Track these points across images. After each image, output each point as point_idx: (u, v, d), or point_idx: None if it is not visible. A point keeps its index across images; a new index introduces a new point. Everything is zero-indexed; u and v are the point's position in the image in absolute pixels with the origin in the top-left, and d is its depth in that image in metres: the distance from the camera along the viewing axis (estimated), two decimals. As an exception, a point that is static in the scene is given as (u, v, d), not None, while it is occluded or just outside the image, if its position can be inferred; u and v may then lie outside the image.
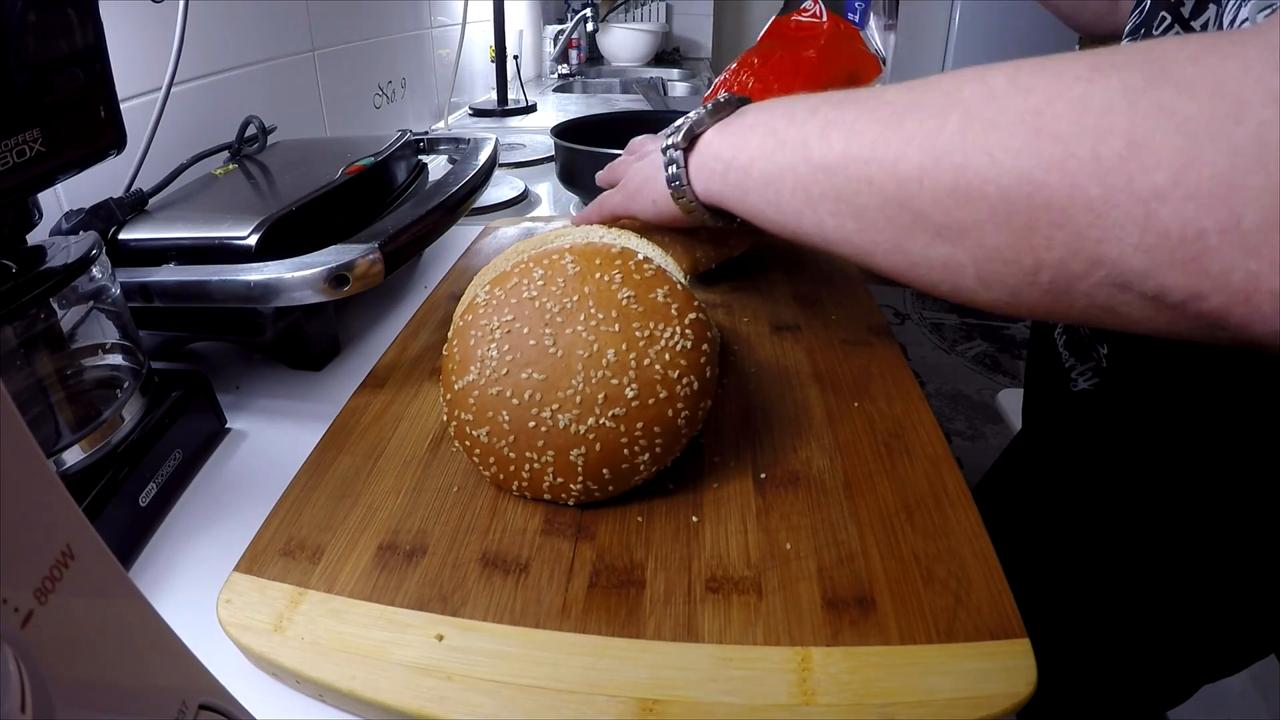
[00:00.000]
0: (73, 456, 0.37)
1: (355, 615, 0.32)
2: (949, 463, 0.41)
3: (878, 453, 0.42)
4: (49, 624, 0.12)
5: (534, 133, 1.25)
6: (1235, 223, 0.19)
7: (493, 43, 1.45)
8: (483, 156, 0.63)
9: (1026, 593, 0.33)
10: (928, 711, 0.28)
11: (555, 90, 1.80)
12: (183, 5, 0.53)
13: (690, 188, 0.40)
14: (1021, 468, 0.67)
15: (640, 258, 0.38)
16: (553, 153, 0.89)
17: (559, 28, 1.93)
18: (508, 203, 0.89)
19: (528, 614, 0.32)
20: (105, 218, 0.49)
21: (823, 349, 0.52)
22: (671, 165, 0.40)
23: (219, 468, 0.45)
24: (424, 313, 0.58)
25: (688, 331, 0.36)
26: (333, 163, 0.60)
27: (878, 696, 0.28)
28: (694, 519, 0.37)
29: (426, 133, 0.82)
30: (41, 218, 0.38)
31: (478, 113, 1.43)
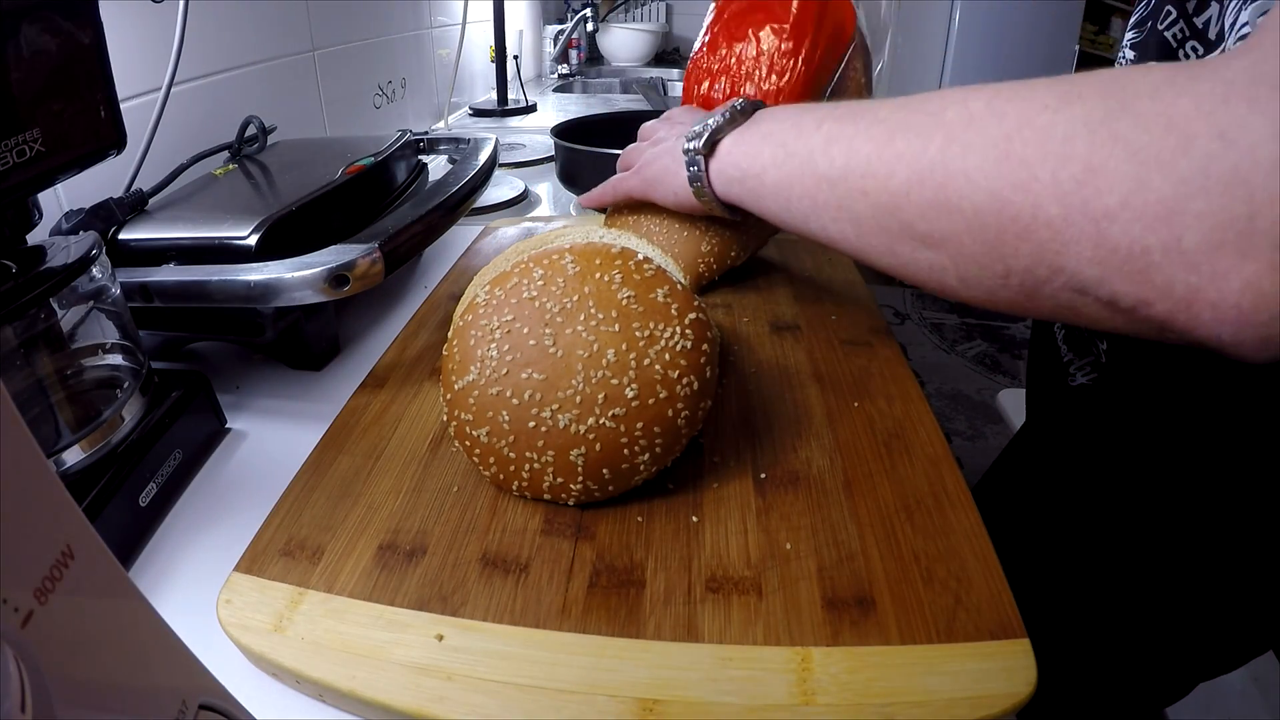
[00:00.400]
0: (73, 456, 0.37)
1: (355, 615, 0.32)
2: (949, 463, 0.41)
3: (878, 453, 0.42)
4: (49, 624, 0.12)
5: (534, 133, 1.25)
6: (1176, 242, 0.22)
7: (493, 43, 1.45)
8: (483, 156, 0.63)
9: (1026, 591, 0.34)
10: (928, 711, 0.28)
11: (555, 90, 1.80)
12: (183, 5, 0.53)
13: (710, 188, 0.45)
14: (1022, 465, 0.67)
15: (640, 258, 0.38)
16: (553, 153, 0.89)
17: (559, 28, 1.93)
18: (508, 203, 0.89)
19: (528, 614, 0.32)
20: (105, 218, 0.49)
21: (823, 349, 0.52)
22: (693, 167, 0.45)
23: (219, 468, 0.45)
24: (424, 313, 0.58)
25: (688, 331, 0.36)
26: (333, 163, 0.60)
27: (878, 696, 0.28)
28: (694, 519, 0.37)
29: (426, 133, 0.82)
30: (41, 218, 0.38)
31: (478, 113, 1.43)
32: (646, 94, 1.60)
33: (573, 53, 1.99)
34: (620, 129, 0.95)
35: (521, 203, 0.91)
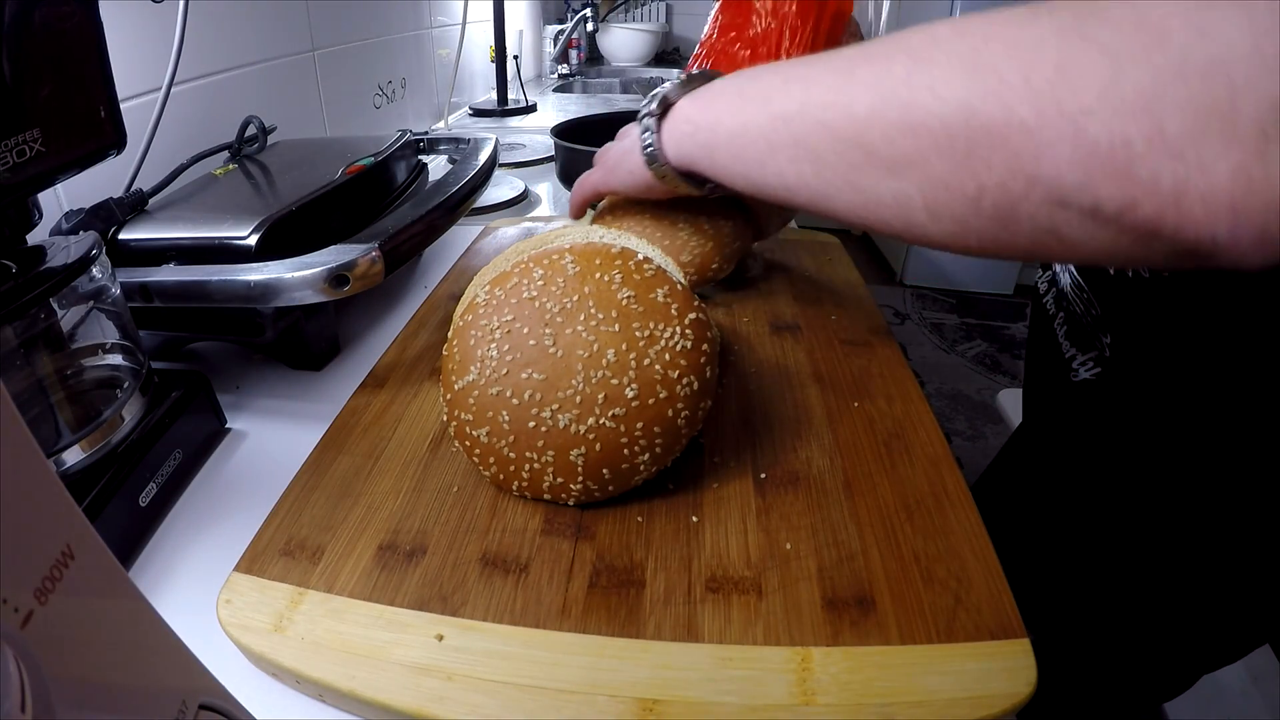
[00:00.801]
0: (73, 456, 0.37)
1: (355, 615, 0.32)
2: (949, 463, 0.41)
3: (878, 453, 0.42)
4: (49, 624, 0.12)
5: (534, 133, 1.25)
6: (1159, 132, 0.21)
7: (493, 43, 1.45)
8: (483, 156, 0.63)
9: (1026, 590, 0.34)
10: (928, 711, 0.28)
11: (555, 90, 1.80)
12: (183, 5, 0.53)
13: (663, 151, 0.42)
14: (1021, 463, 0.67)
15: (640, 258, 0.38)
16: (553, 153, 0.89)
17: (559, 28, 1.93)
18: (508, 203, 0.89)
19: (528, 614, 0.32)
20: (105, 218, 0.49)
21: (823, 349, 0.52)
22: (647, 133, 0.43)
23: (219, 468, 0.45)
24: (424, 313, 0.58)
25: (688, 331, 0.36)
26: (333, 163, 0.60)
27: (878, 696, 0.28)
28: (694, 519, 0.37)
29: (426, 133, 0.82)
30: (41, 218, 0.38)
31: (478, 113, 1.43)
32: (646, 94, 1.60)
33: (573, 53, 1.99)
34: (620, 129, 0.95)
35: (521, 203, 0.91)
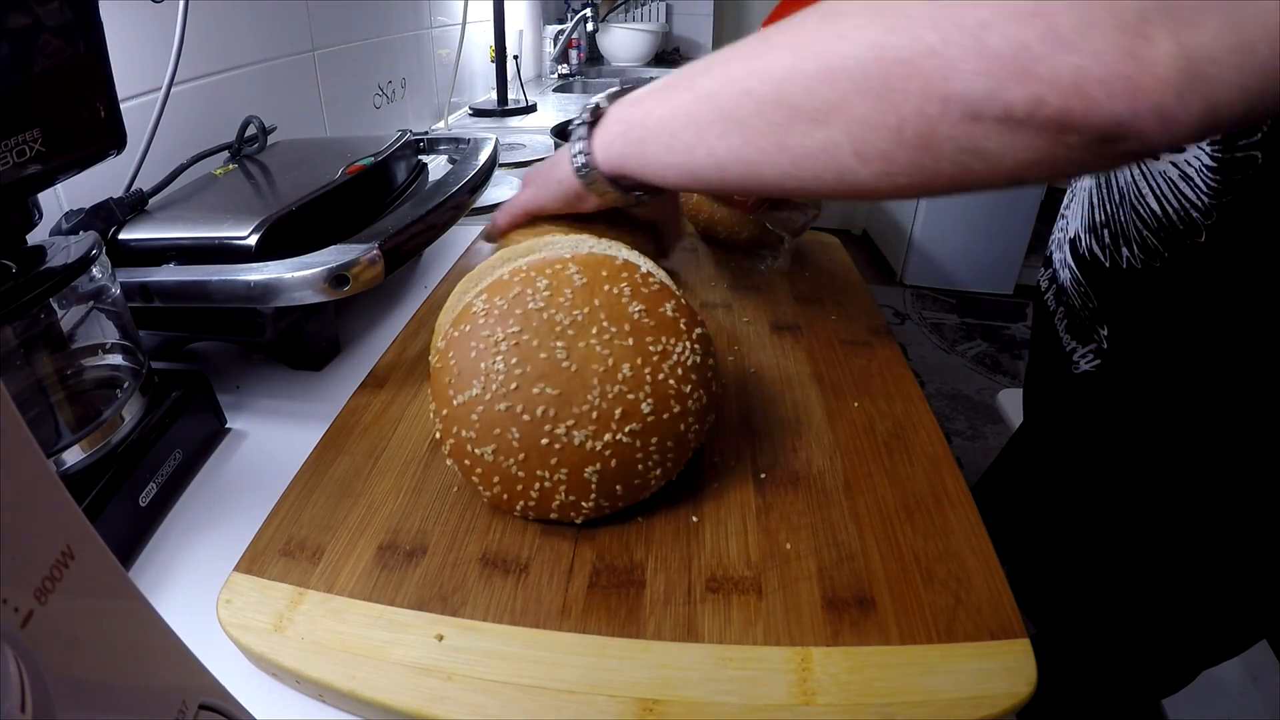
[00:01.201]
0: (73, 456, 0.37)
1: (355, 615, 0.32)
2: (949, 463, 0.41)
3: (878, 453, 0.42)
4: (49, 624, 0.12)
5: (534, 133, 1.25)
6: (1052, 29, 0.23)
7: (493, 43, 1.45)
8: (483, 156, 0.63)
9: (1026, 587, 0.34)
10: (928, 711, 0.28)
11: (555, 90, 1.80)
12: (183, 5, 0.53)
13: (594, 157, 0.41)
14: (1022, 460, 0.67)
15: (644, 270, 0.37)
16: (552, 153, 0.89)
17: (559, 28, 1.93)
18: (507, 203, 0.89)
19: (528, 614, 0.32)
20: (105, 218, 0.49)
21: (823, 349, 0.52)
22: (579, 142, 0.42)
23: (219, 468, 0.45)
24: (424, 313, 0.58)
25: (696, 346, 0.36)
26: (333, 163, 0.60)
27: (878, 696, 0.28)
28: (694, 519, 0.37)
29: (426, 133, 0.82)
30: (41, 218, 0.38)
31: (478, 113, 1.43)
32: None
33: (573, 53, 1.99)
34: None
35: (521, 203, 0.91)
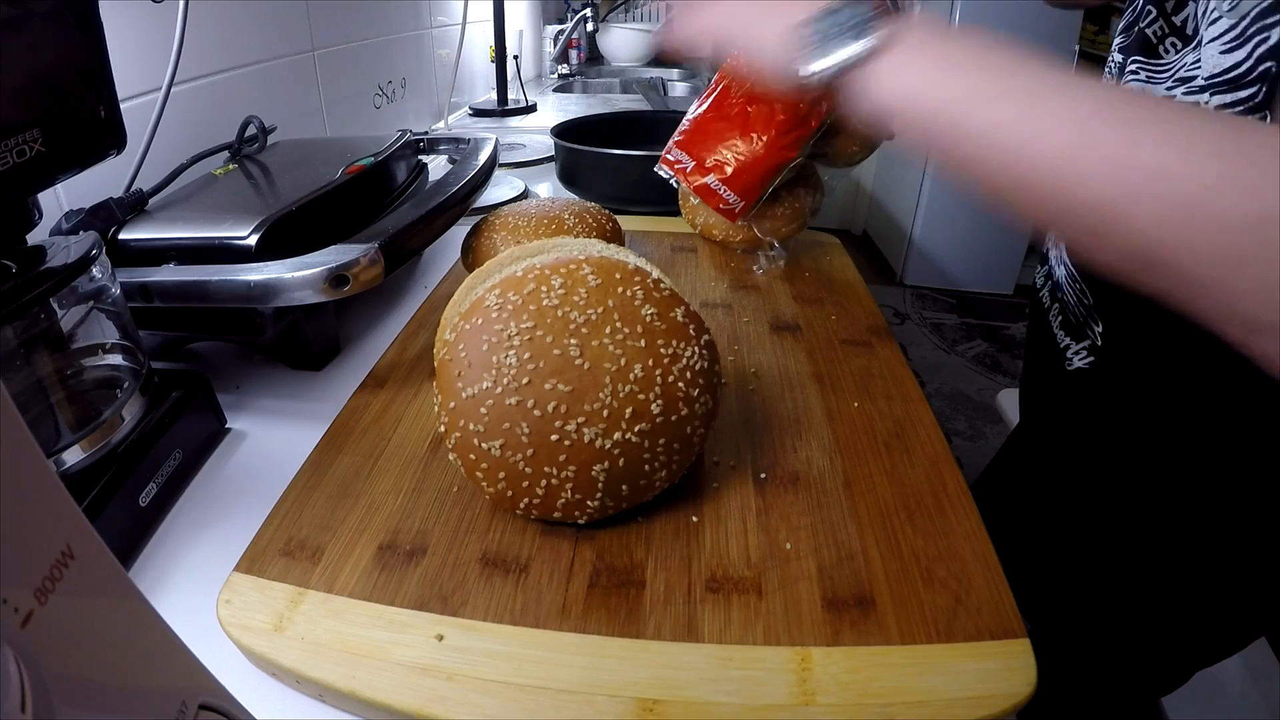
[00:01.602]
0: (73, 456, 0.37)
1: (355, 615, 0.32)
2: (949, 463, 0.41)
3: (878, 453, 0.42)
4: (49, 624, 0.12)
5: (534, 133, 1.25)
6: None
7: (493, 43, 1.45)
8: (483, 156, 0.63)
9: (1025, 586, 0.34)
10: (928, 711, 0.28)
11: (555, 90, 1.80)
12: (183, 5, 0.53)
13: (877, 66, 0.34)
14: (1020, 462, 0.67)
15: (655, 276, 0.38)
16: (553, 153, 0.89)
17: (559, 28, 1.93)
18: (507, 203, 0.89)
19: (528, 614, 0.32)
20: (105, 218, 0.49)
21: (823, 349, 0.52)
22: (855, 41, 0.34)
23: (219, 468, 0.45)
24: (424, 313, 0.58)
25: (704, 352, 0.36)
26: (333, 163, 0.60)
27: (878, 696, 0.28)
28: (694, 519, 0.37)
29: (426, 133, 0.82)
30: (41, 218, 0.38)
31: (478, 113, 1.43)
32: (646, 94, 1.60)
33: (573, 53, 1.99)
34: (620, 129, 0.95)
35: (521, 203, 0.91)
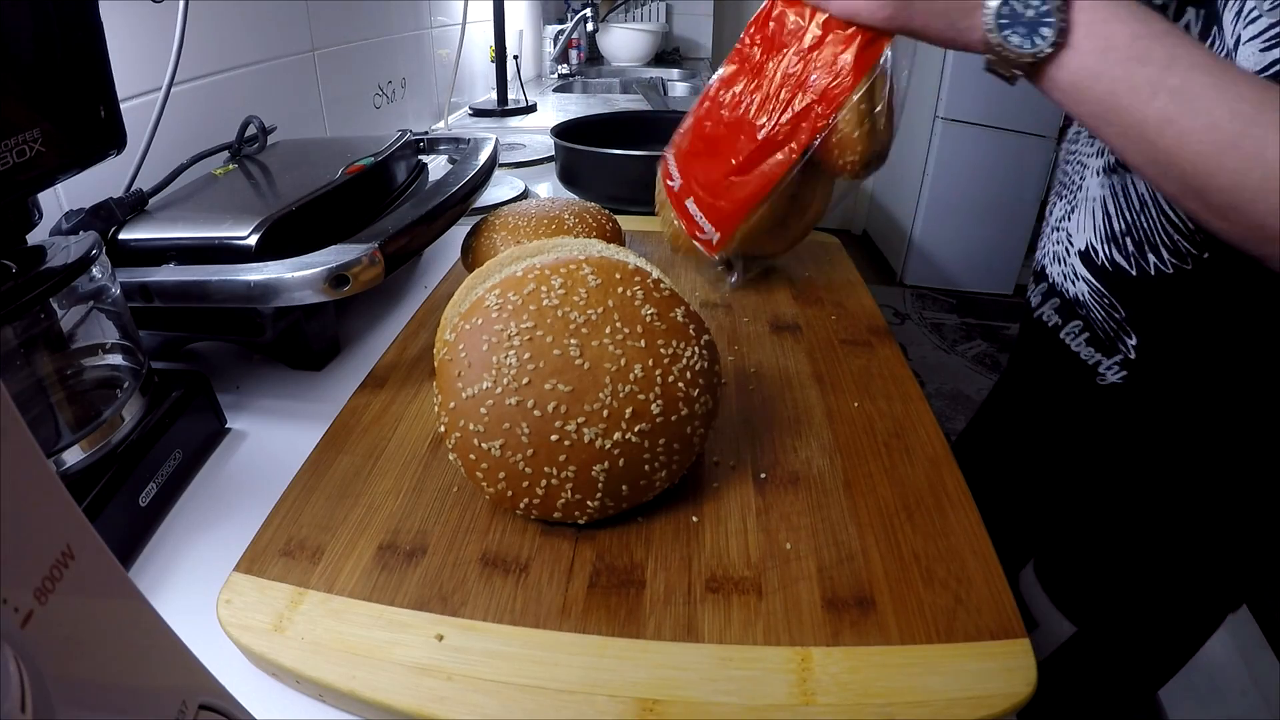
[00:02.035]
0: (73, 456, 0.37)
1: (355, 615, 0.32)
2: (949, 463, 0.41)
3: (878, 453, 0.42)
4: (49, 624, 0.12)
5: (534, 133, 1.25)
6: None
7: (493, 43, 1.45)
8: (483, 156, 0.63)
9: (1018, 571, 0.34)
10: (928, 711, 0.28)
11: (555, 90, 1.80)
12: (183, 5, 0.53)
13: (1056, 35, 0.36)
14: (1021, 463, 0.67)
15: (655, 276, 0.38)
16: (553, 153, 0.89)
17: (559, 28, 1.93)
18: (507, 203, 0.89)
19: (528, 614, 0.32)
20: (105, 218, 0.49)
21: (823, 349, 0.52)
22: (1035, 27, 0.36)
23: (219, 468, 0.45)
24: (424, 313, 0.58)
25: (704, 352, 0.36)
26: (333, 163, 0.60)
27: (878, 696, 0.28)
28: (694, 519, 0.37)
29: (426, 133, 0.82)
30: (41, 218, 0.38)
31: (478, 113, 1.43)
32: (646, 94, 1.60)
33: (573, 53, 1.99)
34: (620, 129, 0.95)
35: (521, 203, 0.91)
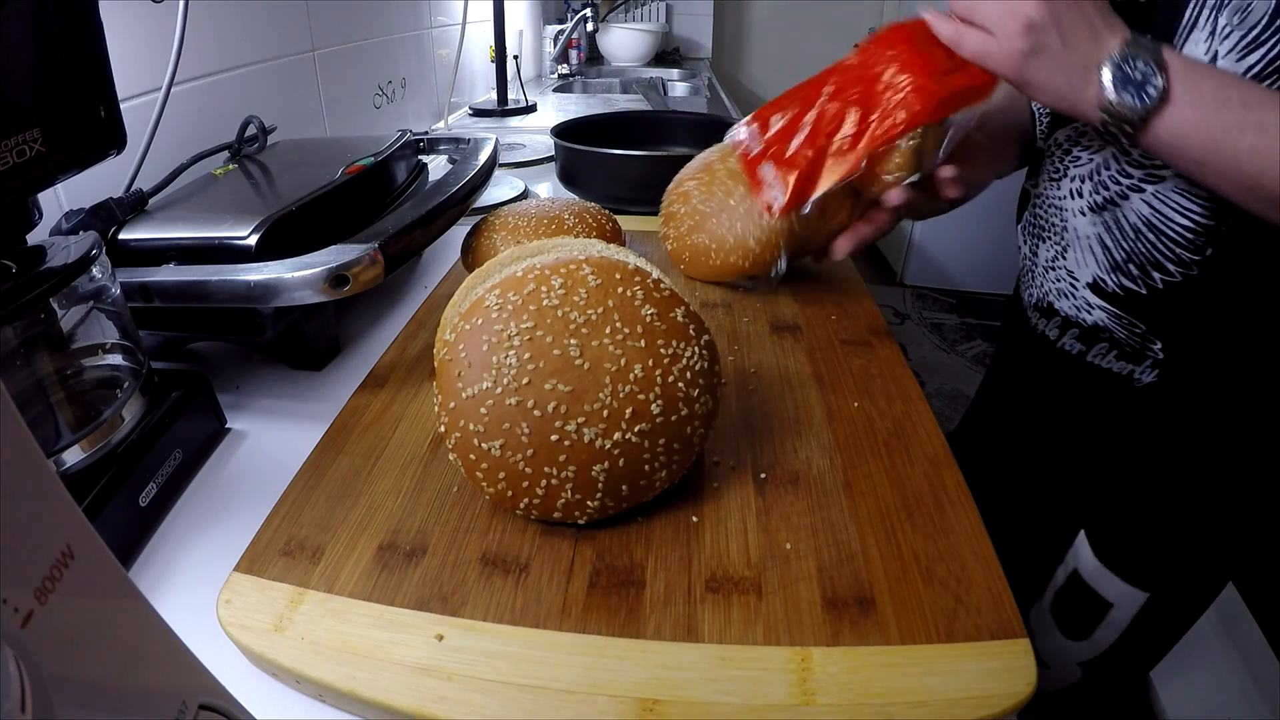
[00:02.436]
0: (73, 456, 0.37)
1: (355, 615, 0.32)
2: (949, 463, 0.41)
3: (878, 453, 0.42)
4: (49, 624, 0.12)
5: (534, 133, 1.25)
6: None
7: (493, 43, 1.45)
8: (483, 156, 0.63)
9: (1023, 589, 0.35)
10: (928, 711, 0.28)
11: (555, 90, 1.80)
12: (183, 5, 0.53)
13: (1158, 93, 0.40)
14: (1027, 470, 0.67)
15: (655, 276, 0.38)
16: (553, 153, 0.89)
17: (559, 28, 1.93)
18: (507, 203, 0.89)
19: (528, 614, 0.32)
20: (105, 218, 0.49)
21: (823, 349, 0.52)
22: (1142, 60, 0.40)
23: (219, 468, 0.45)
24: (424, 313, 0.58)
25: (704, 352, 0.36)
26: (333, 163, 0.60)
27: (878, 696, 0.28)
28: (694, 519, 0.37)
29: (426, 133, 0.82)
30: (41, 218, 0.38)
31: (478, 113, 1.43)
32: (646, 94, 1.60)
33: (573, 53, 1.99)
34: (620, 129, 0.95)
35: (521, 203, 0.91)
